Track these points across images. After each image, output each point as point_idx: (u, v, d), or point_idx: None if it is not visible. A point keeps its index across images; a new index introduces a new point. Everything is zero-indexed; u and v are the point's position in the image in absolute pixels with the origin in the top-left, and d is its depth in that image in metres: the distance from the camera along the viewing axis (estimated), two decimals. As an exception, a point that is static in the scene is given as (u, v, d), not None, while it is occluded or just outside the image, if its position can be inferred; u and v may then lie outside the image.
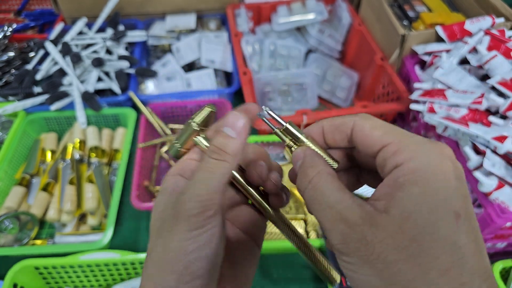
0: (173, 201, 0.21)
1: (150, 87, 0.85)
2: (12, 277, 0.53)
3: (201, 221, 0.19)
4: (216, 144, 0.21)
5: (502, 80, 0.59)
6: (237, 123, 0.21)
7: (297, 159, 0.22)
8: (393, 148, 0.19)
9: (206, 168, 0.20)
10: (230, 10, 0.93)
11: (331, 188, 0.19)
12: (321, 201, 0.19)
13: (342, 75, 0.89)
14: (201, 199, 0.19)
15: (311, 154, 0.22)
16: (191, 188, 0.20)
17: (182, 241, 0.19)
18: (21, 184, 0.69)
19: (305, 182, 0.20)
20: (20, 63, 0.87)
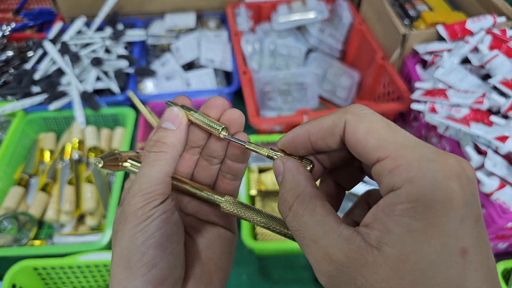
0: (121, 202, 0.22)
1: (149, 87, 0.85)
2: (10, 278, 0.52)
3: (146, 213, 0.20)
4: (154, 138, 0.21)
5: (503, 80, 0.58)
6: (173, 115, 0.22)
7: (277, 173, 0.20)
8: (389, 164, 0.15)
9: (147, 162, 0.21)
10: (230, 9, 0.93)
11: (314, 218, 0.17)
12: (303, 233, 0.17)
13: (343, 75, 0.88)
14: (144, 192, 0.20)
15: (290, 169, 0.19)
16: (134, 184, 0.20)
17: (132, 236, 0.19)
18: (20, 184, 0.69)
19: (285, 209, 0.18)
20: (19, 62, 0.86)
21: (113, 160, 0.22)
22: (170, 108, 0.22)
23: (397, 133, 0.16)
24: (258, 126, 0.69)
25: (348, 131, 0.17)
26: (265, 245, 0.55)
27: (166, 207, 0.20)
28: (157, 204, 0.20)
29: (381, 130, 0.17)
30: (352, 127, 0.17)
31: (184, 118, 0.22)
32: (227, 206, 0.23)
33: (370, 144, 0.16)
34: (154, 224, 0.20)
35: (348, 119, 0.18)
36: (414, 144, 0.16)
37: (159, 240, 0.19)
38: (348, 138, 0.17)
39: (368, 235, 0.15)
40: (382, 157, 0.16)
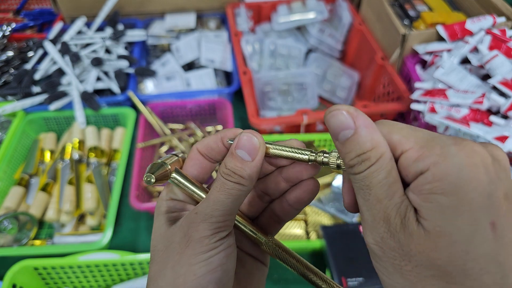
0: (180, 222, 0.20)
1: (149, 87, 0.85)
2: (11, 278, 0.52)
3: (213, 243, 0.19)
4: (230, 168, 0.19)
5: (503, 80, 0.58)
6: (251, 145, 0.20)
7: (345, 126, 0.17)
8: (413, 154, 0.16)
9: (223, 189, 0.19)
10: (230, 9, 0.93)
11: (388, 179, 0.17)
12: (371, 189, 0.17)
13: (343, 75, 0.88)
14: (216, 220, 0.19)
15: (366, 122, 0.17)
16: (205, 208, 0.19)
17: (193, 265, 0.18)
18: (20, 184, 0.69)
19: (362, 167, 0.17)
20: (19, 62, 0.86)
21: (164, 175, 0.20)
22: (247, 135, 0.20)
23: (417, 130, 0.17)
24: (258, 126, 0.69)
25: None
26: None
27: (231, 241, 0.20)
28: (224, 236, 0.19)
29: (402, 129, 0.17)
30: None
31: (263, 150, 0.20)
32: (268, 248, 0.22)
33: (393, 141, 0.17)
34: (219, 257, 0.19)
35: None
36: (434, 135, 0.17)
37: (220, 276, 0.19)
38: None
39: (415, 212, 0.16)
40: (406, 149, 0.17)
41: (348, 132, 0.17)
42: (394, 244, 0.16)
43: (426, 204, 0.15)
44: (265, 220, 0.24)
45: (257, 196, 0.24)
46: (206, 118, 0.84)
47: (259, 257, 0.24)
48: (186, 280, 0.18)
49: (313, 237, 0.60)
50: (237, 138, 0.20)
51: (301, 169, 0.22)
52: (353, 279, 0.50)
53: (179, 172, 0.21)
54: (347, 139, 0.17)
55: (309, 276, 0.22)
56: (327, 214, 0.63)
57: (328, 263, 0.53)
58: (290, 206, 0.23)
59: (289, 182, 0.22)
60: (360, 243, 0.54)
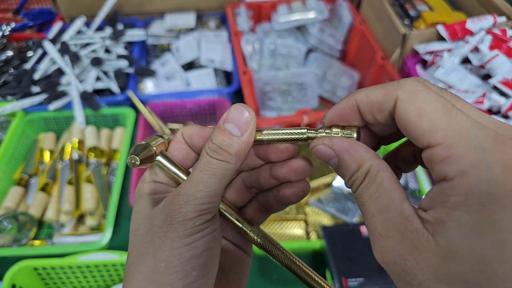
0: (162, 204, 0.19)
1: (149, 87, 0.85)
2: (10, 278, 0.52)
3: (198, 226, 0.17)
4: (216, 143, 0.18)
5: (503, 80, 0.58)
6: (241, 118, 0.18)
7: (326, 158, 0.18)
8: (441, 152, 0.14)
9: (206, 168, 0.18)
10: (230, 9, 0.93)
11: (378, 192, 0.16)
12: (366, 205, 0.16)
13: (343, 75, 0.88)
14: (199, 202, 0.17)
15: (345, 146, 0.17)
16: (188, 189, 0.18)
17: (176, 249, 0.17)
18: (20, 184, 0.69)
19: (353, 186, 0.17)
20: (19, 62, 0.86)
21: (148, 157, 0.19)
22: (237, 108, 0.19)
23: (453, 116, 0.15)
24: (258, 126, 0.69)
25: (398, 110, 0.16)
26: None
27: (216, 225, 0.19)
28: (208, 219, 0.18)
29: (434, 113, 0.15)
30: (403, 106, 0.16)
31: (253, 124, 0.19)
32: (253, 238, 0.22)
33: (421, 128, 0.15)
34: (204, 241, 0.18)
35: (400, 96, 0.16)
36: (471, 130, 0.14)
37: (205, 261, 0.18)
38: (398, 118, 0.16)
39: (426, 221, 0.15)
40: (434, 143, 0.15)
41: (334, 161, 0.18)
42: (396, 258, 0.15)
43: (447, 221, 0.14)
44: (251, 210, 0.23)
45: (244, 186, 0.23)
46: (206, 118, 0.83)
47: (243, 247, 0.24)
48: (168, 266, 0.17)
49: (313, 237, 0.60)
50: (227, 111, 0.18)
51: (290, 171, 0.21)
52: (353, 279, 0.50)
53: (164, 155, 0.20)
54: (337, 167, 0.18)
55: (293, 268, 0.22)
56: (327, 214, 0.63)
57: (328, 263, 0.53)
58: (277, 202, 0.22)
59: (278, 180, 0.22)
60: (360, 244, 0.54)
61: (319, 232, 0.60)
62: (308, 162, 0.21)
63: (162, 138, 0.21)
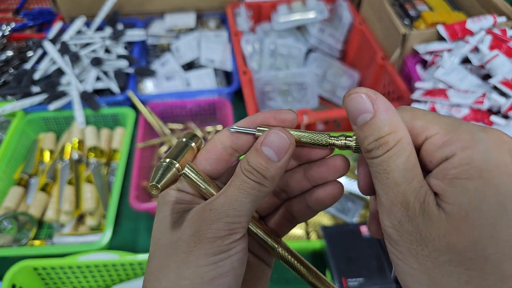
0: (191, 217, 0.18)
1: (149, 87, 0.85)
2: (10, 278, 0.52)
3: (226, 245, 0.17)
4: (253, 165, 0.18)
5: (503, 80, 0.58)
6: (280, 143, 0.18)
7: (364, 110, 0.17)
8: (439, 139, 0.16)
9: (242, 187, 0.18)
10: (230, 9, 0.93)
11: (406, 164, 0.16)
12: (389, 173, 0.16)
13: (343, 75, 0.88)
14: (232, 220, 0.17)
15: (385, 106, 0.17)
16: (222, 206, 0.17)
17: (201, 267, 0.17)
18: (20, 184, 0.69)
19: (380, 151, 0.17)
20: (19, 62, 0.86)
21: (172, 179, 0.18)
22: (277, 133, 0.18)
23: (441, 116, 0.17)
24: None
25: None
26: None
27: (243, 245, 0.18)
28: (237, 238, 0.17)
29: (426, 114, 0.17)
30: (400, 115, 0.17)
31: (291, 151, 0.18)
32: (280, 255, 0.21)
33: (417, 127, 0.17)
34: (231, 261, 0.17)
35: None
36: (460, 122, 0.16)
37: (229, 281, 0.17)
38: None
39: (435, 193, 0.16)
40: (431, 134, 0.17)
41: (367, 116, 0.17)
42: (411, 228, 0.16)
43: (450, 189, 0.15)
44: (277, 218, 0.23)
45: (272, 192, 0.22)
46: (206, 118, 0.83)
47: (265, 258, 0.23)
48: (192, 283, 0.17)
49: (313, 238, 0.60)
50: (265, 134, 0.18)
51: (327, 169, 0.20)
52: (353, 279, 0.50)
53: (192, 168, 0.19)
54: (365, 123, 0.17)
55: (318, 286, 0.22)
56: (327, 214, 0.63)
57: (328, 263, 0.53)
58: (308, 207, 0.22)
59: (312, 182, 0.21)
60: (361, 243, 0.54)
61: (319, 232, 0.60)
62: (346, 160, 0.21)
63: (189, 145, 0.20)
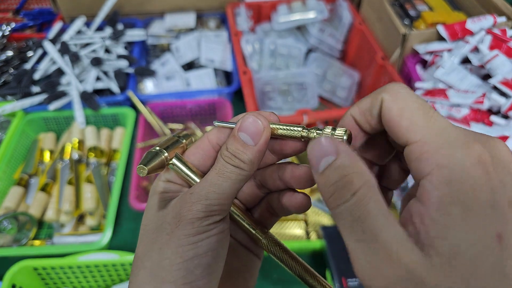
0: (174, 202, 0.19)
1: (149, 87, 0.85)
2: (10, 278, 0.52)
3: (205, 226, 0.18)
4: (231, 151, 0.19)
5: (503, 80, 0.58)
6: (254, 128, 0.19)
7: (326, 153, 0.16)
8: (417, 149, 0.15)
9: (221, 172, 0.18)
10: (230, 9, 0.93)
11: (379, 208, 0.15)
12: (364, 223, 0.15)
13: (343, 75, 0.88)
14: (210, 202, 0.18)
15: (347, 151, 0.16)
16: (201, 189, 0.18)
17: (181, 247, 0.17)
18: (20, 184, 0.69)
19: (347, 193, 0.15)
20: (19, 62, 0.86)
21: (159, 165, 0.19)
22: (250, 117, 0.19)
23: (429, 116, 0.16)
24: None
25: (383, 110, 0.17)
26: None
27: (224, 227, 0.19)
28: (217, 220, 0.18)
29: (414, 112, 0.16)
30: (387, 106, 0.17)
31: (267, 135, 0.19)
32: (266, 246, 0.22)
33: (401, 126, 0.16)
34: (209, 242, 0.18)
35: (384, 98, 0.17)
36: (445, 129, 0.15)
37: (209, 261, 0.18)
38: (383, 117, 0.17)
39: (417, 233, 0.14)
40: (411, 140, 0.15)
41: (330, 159, 0.16)
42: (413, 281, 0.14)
43: (439, 218, 0.14)
44: (261, 211, 0.23)
45: (256, 185, 0.23)
46: (206, 118, 0.83)
47: (253, 249, 0.24)
48: (172, 263, 0.17)
49: (313, 237, 0.60)
50: (241, 120, 0.19)
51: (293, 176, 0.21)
52: (353, 279, 0.50)
53: (179, 158, 0.20)
54: (328, 166, 0.16)
55: (306, 278, 0.22)
56: (327, 214, 0.63)
57: (328, 263, 0.53)
58: (282, 207, 0.22)
59: (284, 184, 0.21)
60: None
61: (319, 232, 0.60)
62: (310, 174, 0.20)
63: (180, 141, 0.21)
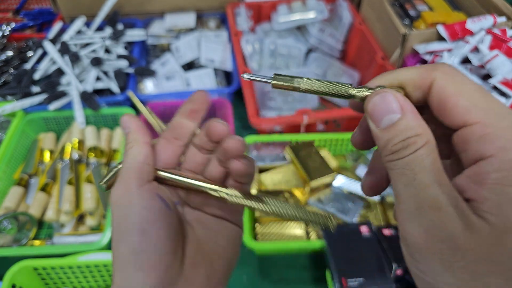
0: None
1: (149, 87, 0.85)
2: (10, 278, 0.52)
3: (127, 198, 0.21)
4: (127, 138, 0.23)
5: (503, 80, 0.58)
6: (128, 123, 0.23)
7: (391, 110, 0.16)
8: (479, 130, 0.15)
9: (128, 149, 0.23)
10: (230, 9, 0.93)
11: (435, 165, 0.15)
12: (416, 176, 0.15)
13: (343, 75, 0.88)
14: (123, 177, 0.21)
15: (413, 109, 0.16)
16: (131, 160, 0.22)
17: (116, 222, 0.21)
18: (20, 184, 0.69)
19: (406, 151, 0.15)
20: (19, 62, 0.86)
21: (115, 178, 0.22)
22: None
23: (489, 98, 0.15)
24: (258, 126, 0.69)
25: (435, 89, 0.16)
26: (266, 245, 0.55)
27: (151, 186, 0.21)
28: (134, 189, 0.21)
29: (472, 93, 0.16)
30: (441, 85, 0.16)
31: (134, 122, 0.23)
32: (233, 200, 0.22)
33: (459, 106, 0.15)
34: (135, 212, 0.20)
35: (438, 76, 0.16)
36: (508, 112, 0.15)
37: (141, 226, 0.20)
38: (434, 97, 0.16)
39: (469, 200, 0.15)
40: (471, 121, 0.15)
41: (394, 117, 0.16)
42: (444, 236, 0.14)
43: (493, 197, 0.14)
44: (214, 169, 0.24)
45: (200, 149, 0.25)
46: (206, 118, 0.83)
47: (228, 217, 0.24)
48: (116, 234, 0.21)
49: (313, 238, 0.60)
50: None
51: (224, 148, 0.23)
52: (353, 280, 0.50)
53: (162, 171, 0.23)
54: (392, 124, 0.16)
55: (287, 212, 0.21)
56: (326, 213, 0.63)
57: (328, 263, 0.53)
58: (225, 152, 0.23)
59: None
60: (361, 244, 0.54)
61: (319, 232, 0.60)
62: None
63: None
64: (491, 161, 0.14)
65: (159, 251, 0.20)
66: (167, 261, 0.20)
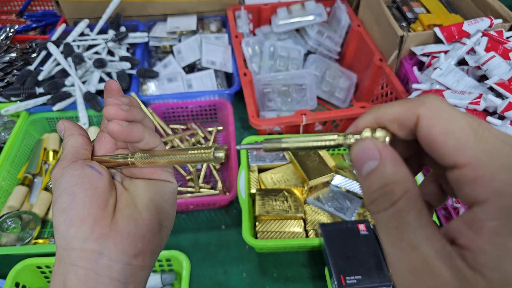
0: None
1: (151, 88, 0.86)
2: (14, 276, 0.53)
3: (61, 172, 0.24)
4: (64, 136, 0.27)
5: (499, 81, 0.59)
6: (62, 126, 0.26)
7: (368, 158, 0.16)
8: (470, 173, 0.14)
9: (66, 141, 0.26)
10: (231, 12, 0.94)
11: (419, 220, 0.14)
12: (403, 234, 0.14)
13: (341, 76, 0.89)
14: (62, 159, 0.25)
15: (392, 158, 0.15)
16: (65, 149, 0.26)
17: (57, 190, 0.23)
18: (23, 184, 0.70)
19: (387, 203, 0.15)
20: (22, 64, 0.87)
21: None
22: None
23: (480, 135, 0.14)
24: (258, 126, 0.70)
25: (422, 128, 0.15)
26: (265, 243, 0.56)
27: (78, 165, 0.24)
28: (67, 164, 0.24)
29: (460, 131, 0.14)
30: (427, 124, 0.15)
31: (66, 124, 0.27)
32: (139, 163, 0.25)
33: (447, 146, 0.14)
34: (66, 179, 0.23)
35: (423, 113, 0.15)
36: (500, 149, 0.14)
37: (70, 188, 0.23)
38: (422, 135, 0.16)
39: (464, 256, 0.14)
40: (461, 163, 0.14)
41: (373, 164, 0.16)
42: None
43: (490, 249, 0.13)
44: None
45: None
46: (207, 119, 0.85)
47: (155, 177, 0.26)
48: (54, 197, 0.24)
49: (312, 235, 0.61)
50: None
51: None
52: (351, 277, 0.51)
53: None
54: (371, 171, 0.16)
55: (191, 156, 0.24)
56: (325, 213, 0.64)
57: (326, 261, 0.54)
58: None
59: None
60: (359, 241, 0.55)
61: (318, 230, 0.61)
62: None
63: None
64: (486, 207, 0.13)
65: (88, 206, 0.22)
66: (95, 215, 0.22)
